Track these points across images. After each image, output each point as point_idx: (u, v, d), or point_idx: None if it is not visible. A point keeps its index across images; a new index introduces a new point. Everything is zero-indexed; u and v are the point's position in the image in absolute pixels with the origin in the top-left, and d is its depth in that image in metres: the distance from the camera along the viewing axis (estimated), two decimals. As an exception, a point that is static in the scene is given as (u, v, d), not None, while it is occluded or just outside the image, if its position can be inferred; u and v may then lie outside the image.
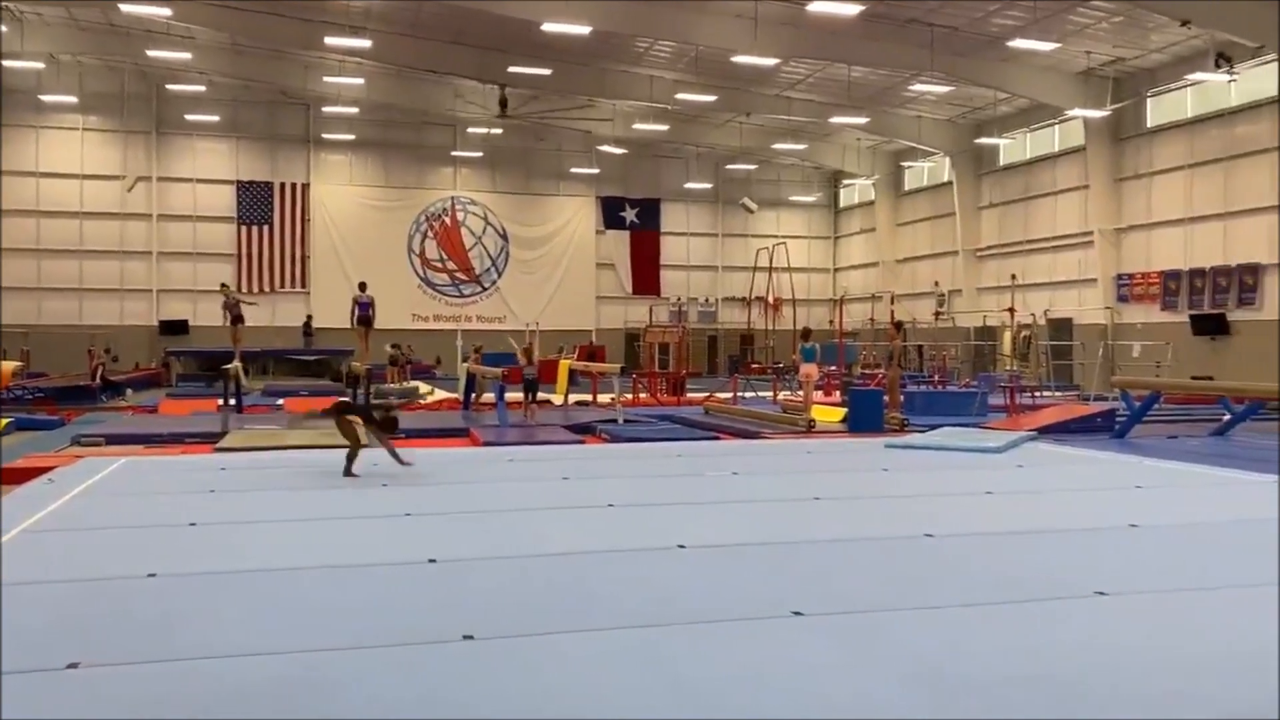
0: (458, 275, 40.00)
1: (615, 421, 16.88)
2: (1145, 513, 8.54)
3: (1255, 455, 13.00)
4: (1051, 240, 31.94)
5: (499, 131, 37.11)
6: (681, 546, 7.02)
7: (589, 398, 22.13)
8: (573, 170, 40.41)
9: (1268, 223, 24.66)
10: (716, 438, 15.61)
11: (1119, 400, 17.28)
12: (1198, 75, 25.22)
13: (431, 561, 6.48)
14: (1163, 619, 5.39)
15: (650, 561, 6.67)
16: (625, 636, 4.96)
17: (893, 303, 32.02)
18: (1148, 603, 5.67)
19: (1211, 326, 25.91)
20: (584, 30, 24.85)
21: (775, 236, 41.92)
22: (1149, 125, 28.33)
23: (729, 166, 41.42)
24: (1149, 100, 28.16)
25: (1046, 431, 15.32)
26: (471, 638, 4.83)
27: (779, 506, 8.90)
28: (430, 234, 39.71)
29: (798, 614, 5.31)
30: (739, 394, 22.94)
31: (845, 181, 43.74)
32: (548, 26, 24.15)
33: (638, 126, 35.17)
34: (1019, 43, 24.73)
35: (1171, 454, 13.15)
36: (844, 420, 17.01)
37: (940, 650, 4.79)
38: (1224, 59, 24.42)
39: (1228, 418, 16.29)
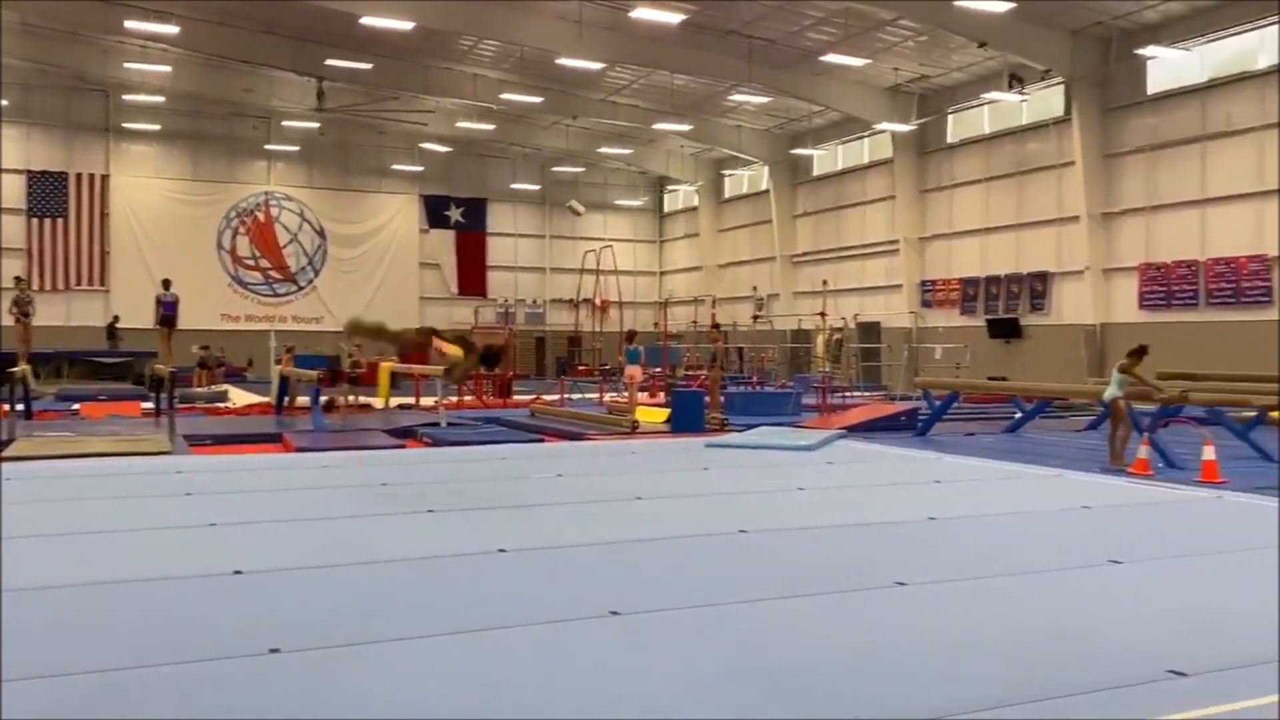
0: (271, 274, 38.42)
1: (438, 425, 16.62)
2: (943, 506, 9.07)
3: (1042, 450, 14.01)
4: (861, 248, 33.44)
5: (316, 125, 35.86)
6: (502, 550, 6.98)
7: (412, 400, 21.70)
8: (395, 167, 39.48)
9: (1055, 234, 26.60)
10: (542, 440, 15.61)
11: (922, 400, 18.27)
12: (993, 94, 26.96)
13: (237, 573, 6.21)
14: (955, 606, 5.73)
15: (470, 566, 6.61)
16: (442, 644, 4.89)
17: (714, 306, 32.77)
18: (942, 591, 6.03)
19: (1005, 330, 27.74)
20: (405, 25, 24.35)
21: (602, 239, 42.13)
22: (950, 140, 30.06)
23: (556, 168, 41.44)
24: (950, 116, 29.88)
25: (855, 430, 16.07)
26: (278, 650, 4.66)
27: (601, 507, 8.98)
28: (242, 230, 38.00)
29: (615, 613, 5.37)
30: (566, 396, 22.99)
31: (670, 187, 44.51)
32: (367, 20, 23.55)
33: (462, 125, 34.70)
34: (831, 58, 25.80)
35: (968, 450, 14.00)
36: (667, 421, 17.31)
37: (752, 644, 4.95)
38: (1016, 80, 26.20)
39: (1019, 416, 17.48)
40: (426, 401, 20.84)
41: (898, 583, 6.10)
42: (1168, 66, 23.39)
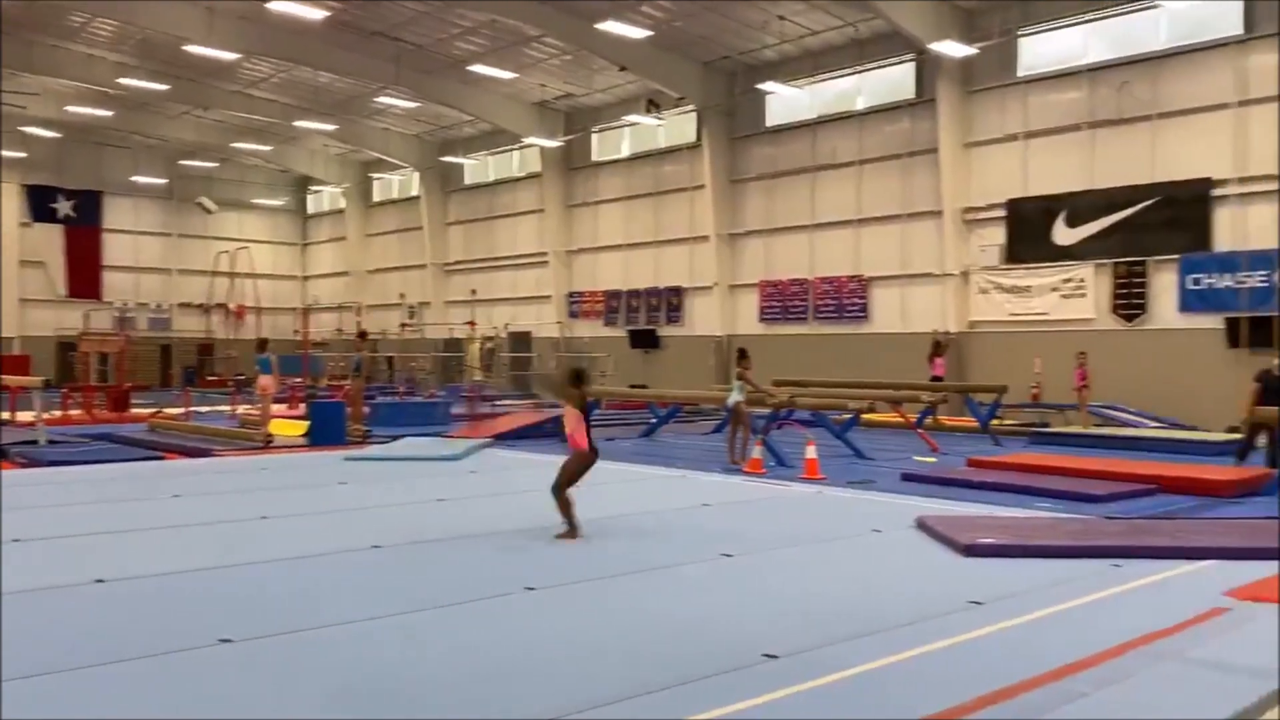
0: None
1: (36, 443, 14.78)
2: (579, 509, 9.31)
3: (672, 453, 14.88)
4: (513, 258, 33.92)
5: (-114, 98, 30.76)
6: (100, 581, 6.33)
7: (6, 415, 19.15)
8: (-11, 152, 34.75)
9: (688, 251, 28.41)
10: (161, 457, 14.35)
11: (566, 407, 18.75)
12: (633, 117, 28.36)
13: None
14: (580, 607, 5.92)
15: (60, 602, 5.92)
16: (22, 689, 4.32)
17: (359, 313, 31.84)
18: (569, 593, 6.20)
19: (645, 340, 29.25)
20: (1, -7, 21.56)
21: (239, 240, 39.81)
22: (595, 158, 31.24)
23: (185, 162, 38.40)
24: (594, 135, 31.07)
25: (502, 438, 16.24)
26: None
27: (220, 529, 8.38)
28: None
29: (226, 641, 5.03)
30: (193, 408, 21.33)
31: (314, 187, 42.73)
32: (-49, -18, 20.58)
33: (73, 109, 31.20)
34: (480, 68, 25.97)
35: (607, 454, 14.43)
36: (306, 434, 16.53)
37: (373, 661, 4.82)
38: (654, 105, 27.75)
39: (654, 421, 18.47)
40: (25, 416, 18.47)
41: (527, 588, 6.20)
42: (784, 102, 25.77)
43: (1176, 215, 19.34)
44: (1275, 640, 5.14)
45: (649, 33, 22.83)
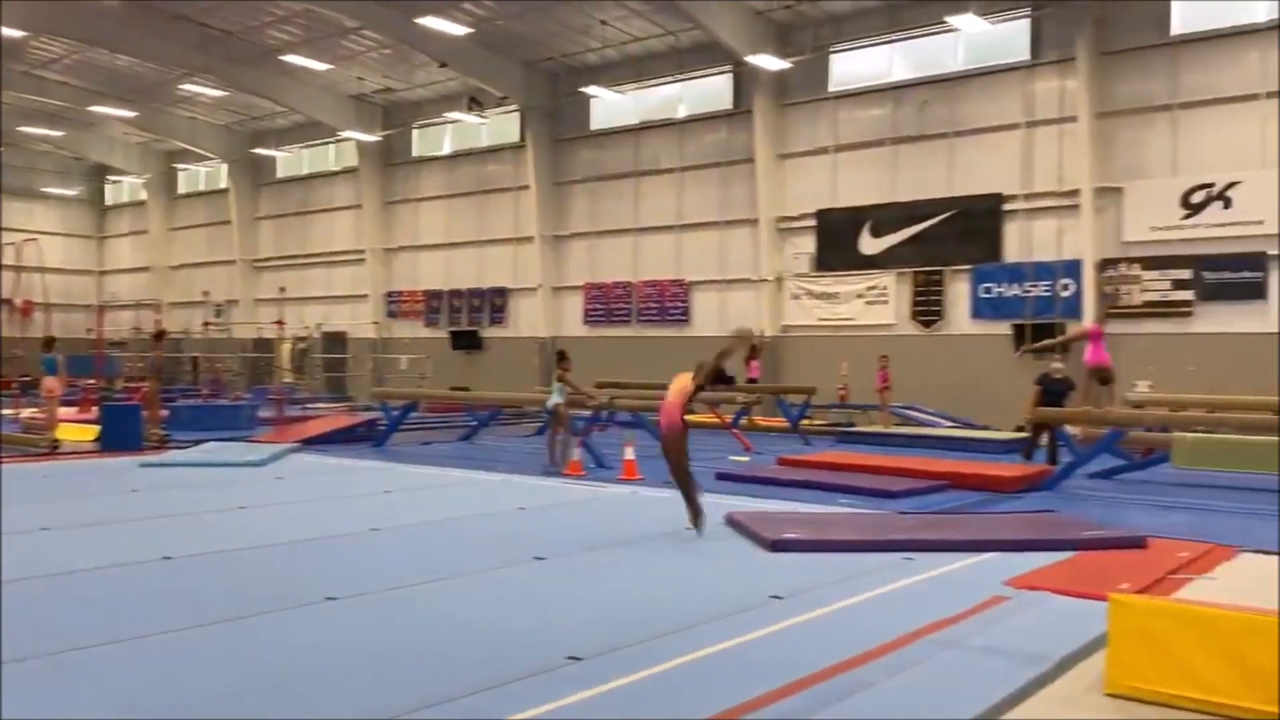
0: None
1: None
2: (388, 516, 9.13)
3: (492, 456, 14.74)
4: (328, 256, 32.80)
5: None
6: None
7: None
8: None
9: (512, 252, 28.21)
10: (-72, 465, 13.13)
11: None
12: (454, 114, 27.94)
13: None
14: (382, 615, 5.75)
15: None
16: None
17: (158, 311, 30.17)
18: (371, 602, 6.02)
19: (468, 342, 28.86)
20: None
21: (26, 231, 36.87)
22: (415, 155, 30.60)
23: (-37, 146, 35.33)
24: (415, 131, 30.43)
25: (312, 443, 15.68)
26: None
27: (-8, 542, 7.72)
28: None
29: (-12, 665, 4.63)
30: (-33, 412, 19.62)
31: (113, 177, 40.12)
32: None
33: None
34: (293, 58, 25.02)
35: (423, 459, 14.29)
36: (98, 439, 15.50)
37: (159, 678, 4.56)
38: (475, 103, 27.43)
39: (475, 424, 18.23)
40: None
41: (328, 598, 5.99)
42: (608, 106, 25.98)
43: (970, 228, 20.62)
44: (1047, 625, 5.52)
45: (469, 30, 22.56)
